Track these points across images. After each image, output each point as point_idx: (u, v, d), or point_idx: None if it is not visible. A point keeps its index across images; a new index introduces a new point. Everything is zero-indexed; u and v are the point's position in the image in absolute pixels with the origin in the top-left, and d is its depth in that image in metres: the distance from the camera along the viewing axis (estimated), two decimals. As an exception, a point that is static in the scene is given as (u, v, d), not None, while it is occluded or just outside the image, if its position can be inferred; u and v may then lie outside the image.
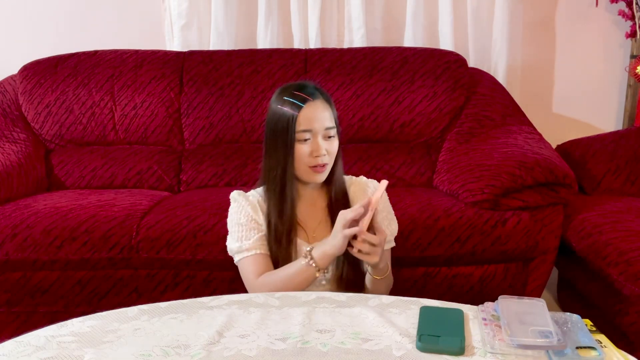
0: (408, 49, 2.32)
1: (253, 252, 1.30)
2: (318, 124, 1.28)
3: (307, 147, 1.28)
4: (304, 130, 1.27)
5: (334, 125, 1.31)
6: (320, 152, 1.28)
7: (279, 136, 1.28)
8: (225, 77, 2.26)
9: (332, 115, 1.31)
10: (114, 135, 2.26)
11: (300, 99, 1.27)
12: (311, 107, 1.28)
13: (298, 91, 1.29)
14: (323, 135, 1.29)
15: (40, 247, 1.70)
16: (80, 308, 1.75)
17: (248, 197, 1.36)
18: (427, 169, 2.11)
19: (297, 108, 1.26)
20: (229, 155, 2.19)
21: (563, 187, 1.73)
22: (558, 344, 0.89)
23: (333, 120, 1.31)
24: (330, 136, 1.30)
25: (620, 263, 1.53)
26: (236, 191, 1.39)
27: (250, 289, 1.30)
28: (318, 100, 1.29)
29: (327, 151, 1.29)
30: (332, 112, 1.32)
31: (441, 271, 1.73)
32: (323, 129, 1.28)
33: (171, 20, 2.51)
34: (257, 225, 1.32)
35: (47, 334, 0.98)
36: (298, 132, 1.27)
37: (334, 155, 1.32)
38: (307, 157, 1.28)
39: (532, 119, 2.18)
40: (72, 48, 2.39)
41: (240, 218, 1.33)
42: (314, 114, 1.27)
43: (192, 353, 0.92)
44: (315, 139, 1.28)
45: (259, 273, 1.28)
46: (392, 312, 1.05)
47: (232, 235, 1.34)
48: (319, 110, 1.28)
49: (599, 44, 2.60)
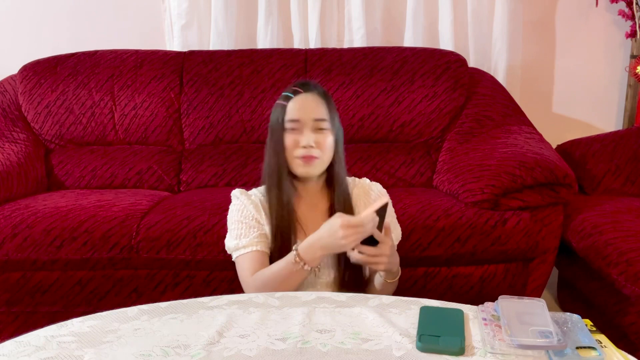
0: (408, 49, 2.32)
1: (250, 249, 1.29)
2: (305, 114, 1.29)
3: (296, 136, 1.29)
4: (292, 120, 1.29)
5: (324, 118, 1.30)
6: (306, 143, 1.27)
7: (273, 129, 1.32)
8: (225, 77, 2.26)
9: (326, 110, 1.31)
10: (114, 135, 2.26)
11: (292, 91, 1.32)
12: (301, 98, 1.30)
13: (294, 86, 1.33)
14: (312, 127, 1.29)
15: (40, 247, 1.70)
16: (80, 308, 1.75)
17: (250, 195, 1.36)
18: (427, 169, 2.11)
19: (287, 99, 1.31)
20: (229, 155, 2.20)
21: (563, 187, 1.73)
22: (558, 344, 0.89)
23: (325, 114, 1.31)
24: (321, 128, 1.30)
25: (620, 263, 1.53)
26: (238, 189, 1.39)
27: (245, 286, 1.29)
28: (310, 93, 1.31)
29: (316, 144, 1.28)
30: (327, 107, 1.32)
31: (441, 271, 1.73)
32: (311, 120, 1.29)
33: (171, 20, 2.52)
34: (257, 224, 1.32)
35: (47, 334, 0.98)
36: (286, 122, 1.29)
37: (326, 149, 1.31)
38: (295, 147, 1.29)
39: (532, 119, 2.18)
40: (72, 48, 2.40)
41: (240, 216, 1.33)
42: (303, 104, 1.30)
43: (192, 353, 0.92)
44: (303, 129, 1.29)
45: (254, 270, 1.27)
46: (392, 312, 1.05)
47: (231, 232, 1.34)
48: (308, 101, 1.30)
49: (599, 44, 2.60)
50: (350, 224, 1.14)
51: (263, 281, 1.24)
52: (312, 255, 1.20)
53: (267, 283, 1.23)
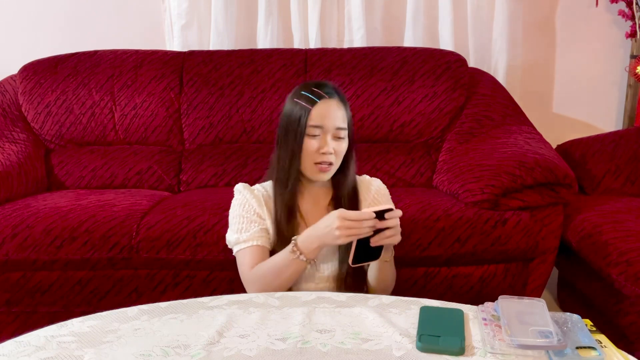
0: (408, 49, 2.32)
1: (250, 243, 1.30)
2: (329, 121, 1.29)
3: (316, 142, 1.29)
4: (315, 126, 1.28)
5: (345, 127, 1.32)
6: (327, 150, 1.28)
7: (291, 128, 1.30)
8: (225, 77, 2.26)
9: (346, 117, 1.33)
10: (114, 135, 2.26)
11: (317, 95, 1.30)
12: (325, 104, 1.30)
13: (316, 88, 1.31)
14: (333, 134, 1.30)
15: (40, 247, 1.70)
16: (80, 308, 1.75)
17: (253, 190, 1.37)
18: (427, 169, 2.11)
19: (312, 103, 1.29)
20: (229, 155, 2.20)
21: (563, 187, 1.73)
22: (558, 344, 0.89)
23: (346, 121, 1.32)
24: (340, 137, 1.31)
25: (620, 263, 1.53)
26: (241, 184, 1.39)
27: (244, 280, 1.29)
28: (334, 100, 1.31)
29: (334, 151, 1.30)
30: (346, 113, 1.33)
31: (441, 271, 1.73)
32: (334, 128, 1.30)
33: (171, 20, 2.52)
34: (258, 219, 1.32)
35: (47, 334, 0.98)
36: (309, 127, 1.28)
37: (341, 156, 1.33)
38: (314, 152, 1.29)
39: (532, 119, 2.18)
40: (72, 48, 2.40)
41: (242, 210, 1.33)
42: (327, 112, 1.29)
43: (192, 353, 0.92)
44: (325, 136, 1.29)
45: (253, 265, 1.28)
46: (392, 312, 1.05)
47: (232, 227, 1.34)
48: (332, 109, 1.30)
49: (599, 44, 2.60)
50: (347, 217, 1.14)
51: (262, 273, 1.25)
52: (309, 246, 1.21)
53: (266, 275, 1.24)
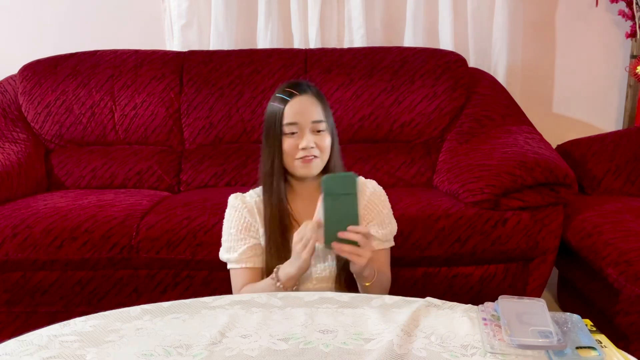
0: (408, 49, 2.32)
1: (239, 266, 1.33)
2: (304, 116, 1.29)
3: (294, 140, 1.29)
4: (290, 123, 1.29)
5: (322, 119, 1.31)
6: (306, 144, 1.28)
7: (270, 131, 1.31)
8: (225, 77, 2.26)
9: (322, 111, 1.32)
10: (114, 135, 2.26)
11: (288, 94, 1.30)
12: (297, 100, 1.30)
13: (289, 87, 1.32)
14: (311, 128, 1.30)
15: (40, 247, 1.70)
16: (80, 308, 1.75)
17: (245, 198, 1.37)
18: (427, 169, 2.11)
19: (285, 102, 1.30)
20: (229, 155, 2.20)
21: (563, 187, 1.73)
22: (558, 344, 0.89)
23: (322, 115, 1.31)
24: (320, 130, 1.31)
25: (620, 263, 1.53)
26: (233, 195, 1.39)
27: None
28: (306, 95, 1.31)
29: (316, 145, 1.29)
30: (322, 107, 1.32)
31: (441, 271, 1.73)
32: (310, 123, 1.29)
33: (171, 20, 2.51)
34: (246, 235, 1.33)
35: (49, 333, 0.98)
36: (285, 125, 1.29)
37: (325, 149, 1.32)
38: (294, 150, 1.29)
39: (532, 119, 2.18)
40: (72, 48, 2.39)
41: (230, 227, 1.35)
42: (300, 107, 1.29)
43: (194, 353, 0.92)
44: (302, 132, 1.29)
45: (242, 286, 1.33)
46: (394, 312, 1.05)
47: (223, 243, 1.37)
48: (305, 104, 1.30)
49: (599, 44, 2.60)
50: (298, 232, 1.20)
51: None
52: (285, 274, 1.23)
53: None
